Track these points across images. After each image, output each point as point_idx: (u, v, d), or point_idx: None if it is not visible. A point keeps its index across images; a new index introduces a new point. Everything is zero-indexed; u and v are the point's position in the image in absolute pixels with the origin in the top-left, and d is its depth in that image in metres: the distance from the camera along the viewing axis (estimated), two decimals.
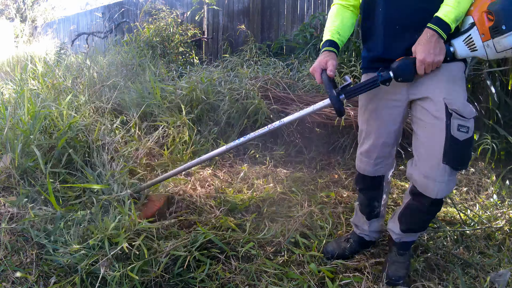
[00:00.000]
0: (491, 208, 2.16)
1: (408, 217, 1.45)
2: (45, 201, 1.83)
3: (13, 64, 5.91)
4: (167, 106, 2.98)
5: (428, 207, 1.35)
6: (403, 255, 1.51)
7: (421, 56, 1.20)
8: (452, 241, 1.84)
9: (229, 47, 5.38)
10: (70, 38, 8.99)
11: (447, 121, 1.23)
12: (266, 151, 2.93)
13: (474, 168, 2.63)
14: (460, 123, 1.22)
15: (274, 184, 2.36)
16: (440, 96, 1.25)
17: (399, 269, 1.47)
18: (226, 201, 2.09)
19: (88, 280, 1.43)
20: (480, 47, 1.20)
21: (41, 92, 2.95)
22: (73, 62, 4.39)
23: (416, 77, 1.27)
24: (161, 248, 1.58)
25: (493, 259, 1.69)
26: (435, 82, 1.27)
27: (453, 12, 1.17)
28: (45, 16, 15.35)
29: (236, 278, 1.53)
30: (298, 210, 2.06)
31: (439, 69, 1.26)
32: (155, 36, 5.05)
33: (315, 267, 1.56)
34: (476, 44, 1.20)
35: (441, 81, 1.27)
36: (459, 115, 1.22)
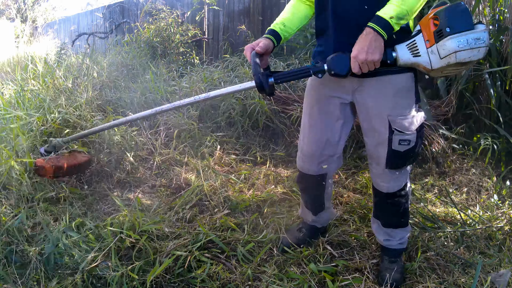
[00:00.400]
0: (492, 208, 2.16)
1: (380, 212, 1.56)
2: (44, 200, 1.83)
3: (13, 64, 5.91)
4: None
5: (388, 200, 1.47)
6: (395, 262, 1.55)
7: (354, 53, 1.17)
8: (453, 241, 1.83)
9: (229, 47, 5.37)
10: (71, 39, 9.00)
11: (389, 136, 1.31)
12: (267, 151, 2.93)
13: (475, 168, 2.63)
14: (401, 138, 1.30)
15: (275, 184, 2.36)
16: (385, 113, 1.30)
17: (395, 273, 1.50)
18: (228, 200, 2.08)
19: (89, 280, 1.43)
20: (423, 53, 1.17)
21: (41, 93, 2.96)
22: (73, 62, 4.40)
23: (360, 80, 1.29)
24: (162, 248, 1.59)
25: (494, 259, 1.69)
26: (382, 96, 1.30)
27: (395, 9, 1.13)
28: (46, 16, 15.36)
29: (237, 278, 1.53)
30: (298, 210, 2.06)
31: (386, 82, 1.29)
32: (156, 37, 5.04)
33: (315, 267, 1.56)
34: (420, 50, 1.18)
35: (387, 95, 1.30)
36: (400, 132, 1.30)
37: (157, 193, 2.27)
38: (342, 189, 2.35)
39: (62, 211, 1.92)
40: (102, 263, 1.47)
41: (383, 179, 1.43)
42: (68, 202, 2.03)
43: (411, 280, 1.55)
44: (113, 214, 1.96)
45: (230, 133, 2.98)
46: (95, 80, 3.56)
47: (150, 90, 3.13)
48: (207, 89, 3.20)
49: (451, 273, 1.58)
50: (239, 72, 3.62)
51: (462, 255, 1.71)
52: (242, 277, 1.54)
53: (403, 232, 1.56)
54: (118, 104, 3.11)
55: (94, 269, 1.45)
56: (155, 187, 2.34)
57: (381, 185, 1.46)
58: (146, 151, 2.62)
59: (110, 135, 2.47)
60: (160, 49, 4.91)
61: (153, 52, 4.87)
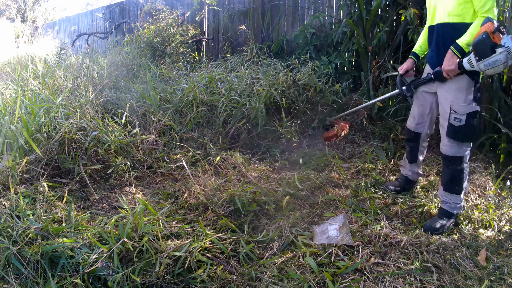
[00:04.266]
0: (492, 208, 2.16)
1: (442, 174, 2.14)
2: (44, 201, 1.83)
3: (13, 65, 5.92)
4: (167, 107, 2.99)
5: (446, 162, 2.08)
6: (440, 218, 2.04)
7: (444, 66, 1.98)
8: (453, 241, 1.84)
9: (229, 47, 5.38)
10: (71, 39, 9.00)
11: (449, 115, 2.02)
12: (271, 152, 2.94)
13: (475, 169, 2.63)
14: (455, 117, 2.00)
15: (277, 185, 2.36)
16: (449, 99, 2.03)
17: (433, 224, 2.00)
18: (230, 201, 2.08)
19: (89, 280, 1.43)
20: (475, 65, 1.88)
21: (41, 93, 2.96)
22: (73, 62, 4.40)
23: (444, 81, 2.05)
24: (163, 248, 1.59)
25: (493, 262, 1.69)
26: (447, 89, 2.04)
27: (467, 40, 1.90)
28: (46, 16, 15.36)
29: (237, 278, 1.53)
30: (299, 211, 2.06)
31: (453, 80, 2.00)
32: (156, 37, 5.04)
33: (315, 265, 1.56)
34: (473, 63, 1.88)
35: (452, 89, 2.02)
36: (456, 112, 2.00)
37: (159, 194, 2.27)
38: (343, 190, 2.35)
39: (65, 212, 1.92)
40: (102, 264, 1.47)
41: (444, 144, 2.07)
42: (69, 202, 2.03)
43: (412, 279, 1.55)
44: (115, 214, 1.96)
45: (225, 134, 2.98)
46: (95, 80, 3.57)
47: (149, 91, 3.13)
48: (208, 90, 3.20)
49: (451, 274, 1.58)
50: (239, 73, 3.62)
51: (462, 255, 1.71)
52: (242, 277, 1.54)
53: (455, 198, 2.06)
54: (118, 105, 3.11)
55: (95, 270, 1.45)
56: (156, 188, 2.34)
57: (443, 148, 2.08)
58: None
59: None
60: (160, 49, 4.91)
61: (153, 52, 4.88)
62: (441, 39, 2.05)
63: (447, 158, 2.06)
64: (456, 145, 2.02)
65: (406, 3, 3.23)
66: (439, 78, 2.04)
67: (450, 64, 1.93)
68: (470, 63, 1.88)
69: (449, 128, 2.01)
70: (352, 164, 2.77)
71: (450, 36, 1.99)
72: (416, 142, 2.36)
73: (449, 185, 2.06)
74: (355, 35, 3.73)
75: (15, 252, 1.48)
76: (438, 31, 2.06)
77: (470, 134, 1.99)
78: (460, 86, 1.99)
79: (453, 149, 2.03)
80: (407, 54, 3.39)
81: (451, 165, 2.05)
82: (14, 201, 1.86)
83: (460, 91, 1.99)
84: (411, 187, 2.43)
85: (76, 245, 1.55)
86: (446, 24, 2.01)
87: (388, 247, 1.77)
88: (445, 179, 2.08)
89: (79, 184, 2.31)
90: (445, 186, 2.08)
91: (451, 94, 2.01)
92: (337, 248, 1.72)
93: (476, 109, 1.97)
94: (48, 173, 2.27)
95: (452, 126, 2.00)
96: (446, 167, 2.08)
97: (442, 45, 2.04)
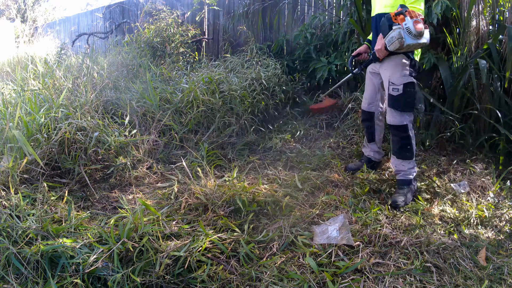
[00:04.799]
0: (492, 208, 2.16)
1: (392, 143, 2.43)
2: (44, 201, 1.83)
3: (13, 65, 5.91)
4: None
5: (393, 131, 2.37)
6: (402, 188, 2.30)
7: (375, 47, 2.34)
8: (453, 241, 1.84)
9: (229, 47, 5.38)
10: (71, 39, 9.00)
11: (389, 87, 2.33)
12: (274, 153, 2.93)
13: (475, 169, 2.63)
14: (393, 87, 2.31)
15: (278, 186, 2.36)
16: (387, 75, 2.36)
17: (399, 196, 2.23)
18: (231, 201, 2.08)
19: (89, 280, 1.43)
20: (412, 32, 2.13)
21: (41, 93, 2.96)
22: (73, 62, 4.40)
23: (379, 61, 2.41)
24: (163, 248, 1.59)
25: (493, 262, 1.69)
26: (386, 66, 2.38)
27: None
28: (46, 16, 15.34)
29: (237, 278, 1.53)
30: (299, 211, 2.06)
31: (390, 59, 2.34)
32: (156, 37, 5.04)
33: (315, 265, 1.56)
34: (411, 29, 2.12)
35: (389, 66, 2.35)
36: (393, 84, 2.31)
37: (159, 194, 2.27)
38: (344, 190, 2.35)
39: (65, 212, 1.92)
40: (102, 264, 1.47)
41: (389, 115, 2.36)
42: (69, 202, 2.03)
43: (411, 280, 1.55)
44: (115, 214, 1.96)
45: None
46: (95, 80, 3.57)
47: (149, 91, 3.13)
48: (208, 90, 3.21)
49: (451, 274, 1.58)
50: (239, 72, 3.62)
51: (462, 255, 1.71)
52: (242, 277, 1.54)
53: (408, 164, 2.33)
54: (118, 105, 3.11)
55: (95, 270, 1.45)
56: (156, 188, 2.34)
57: (388, 119, 2.37)
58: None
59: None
60: (160, 50, 4.91)
61: (153, 52, 4.87)
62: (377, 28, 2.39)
63: (394, 127, 2.36)
64: (398, 114, 2.31)
65: None
66: (375, 59, 2.39)
67: (378, 45, 2.31)
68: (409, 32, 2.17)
69: (389, 98, 2.33)
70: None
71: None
72: (371, 121, 2.64)
73: (400, 152, 2.35)
74: (355, 35, 3.72)
75: (15, 252, 1.48)
76: (377, 21, 2.39)
77: (408, 103, 2.30)
78: (396, 63, 2.32)
79: (396, 119, 2.32)
80: None
81: (399, 133, 2.34)
82: (14, 201, 1.86)
83: (396, 67, 2.32)
84: (375, 167, 2.69)
85: (76, 245, 1.55)
86: (383, 14, 2.32)
87: (388, 247, 1.77)
88: (396, 147, 2.38)
89: (79, 184, 2.32)
90: (398, 155, 2.36)
91: (389, 71, 2.35)
92: (337, 248, 1.72)
93: (411, 80, 2.28)
94: (48, 173, 2.27)
95: (392, 96, 2.31)
96: (394, 136, 2.38)
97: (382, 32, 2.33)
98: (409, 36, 2.09)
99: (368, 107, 2.63)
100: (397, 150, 2.36)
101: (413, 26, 2.07)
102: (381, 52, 2.29)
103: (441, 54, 3.18)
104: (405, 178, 2.31)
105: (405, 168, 2.32)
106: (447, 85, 3.01)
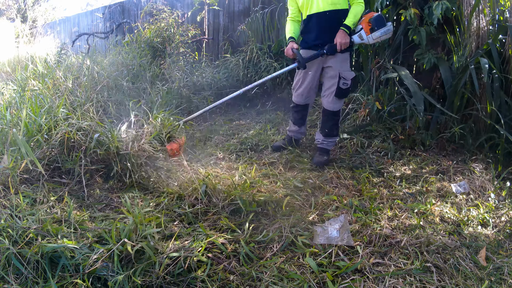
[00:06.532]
0: (491, 208, 2.16)
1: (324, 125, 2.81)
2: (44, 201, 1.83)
3: (14, 65, 5.92)
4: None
5: (331, 116, 2.77)
6: (322, 154, 2.81)
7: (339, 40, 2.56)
8: (453, 241, 1.84)
9: (229, 47, 5.38)
10: (71, 39, 9.00)
11: (339, 81, 2.65)
12: (276, 154, 2.93)
13: (475, 169, 2.63)
14: (344, 82, 2.64)
15: (280, 186, 2.36)
16: (337, 69, 2.66)
17: (321, 157, 2.77)
18: (231, 200, 2.08)
19: (89, 280, 1.43)
20: (365, 38, 2.59)
21: (41, 93, 2.96)
22: (73, 62, 4.40)
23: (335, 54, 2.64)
24: (163, 249, 1.58)
25: (493, 262, 1.69)
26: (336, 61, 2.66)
27: (352, 21, 2.59)
28: (46, 16, 15.35)
29: (237, 278, 1.53)
30: (300, 211, 2.06)
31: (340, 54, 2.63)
32: (156, 37, 5.04)
33: (315, 266, 1.56)
34: (364, 36, 2.59)
35: (339, 61, 2.66)
36: (344, 78, 2.65)
37: (160, 194, 2.27)
38: (345, 190, 2.35)
39: (64, 212, 1.92)
40: (102, 264, 1.47)
41: (331, 102, 2.72)
42: (69, 203, 2.03)
43: (412, 280, 1.55)
44: (116, 215, 1.96)
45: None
46: (95, 80, 3.56)
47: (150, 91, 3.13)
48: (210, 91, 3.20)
49: (450, 274, 1.58)
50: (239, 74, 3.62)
51: (462, 256, 1.71)
52: (242, 277, 1.54)
53: (334, 139, 2.84)
54: (118, 105, 3.11)
55: (95, 270, 1.45)
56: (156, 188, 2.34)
57: (330, 106, 2.73)
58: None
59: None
60: (160, 50, 4.90)
61: (153, 52, 4.87)
62: (328, 23, 2.62)
63: (333, 113, 2.74)
64: (338, 101, 2.73)
65: (406, 3, 3.23)
66: (332, 52, 2.60)
67: (343, 39, 2.55)
68: (360, 37, 2.60)
69: (338, 91, 2.66)
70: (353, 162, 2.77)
71: (336, 20, 2.61)
72: (305, 111, 2.98)
73: (330, 132, 2.78)
74: None
75: (15, 252, 1.48)
76: (321, 18, 2.63)
77: (348, 92, 2.74)
78: (344, 58, 2.67)
79: (336, 105, 2.73)
80: (407, 54, 3.39)
81: (334, 117, 2.76)
82: (14, 201, 1.86)
83: (345, 62, 2.67)
84: (297, 145, 3.06)
85: (76, 245, 1.55)
86: (331, 11, 2.61)
87: (388, 247, 1.77)
88: (327, 128, 2.77)
89: (79, 184, 2.31)
90: (327, 134, 2.78)
91: (339, 65, 2.65)
92: (337, 248, 1.72)
93: (355, 74, 2.72)
94: (48, 173, 2.27)
95: (341, 89, 2.66)
96: (329, 119, 2.76)
97: (329, 28, 2.61)
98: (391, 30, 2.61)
99: (304, 100, 2.89)
100: (328, 130, 2.76)
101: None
102: (346, 45, 2.56)
103: (441, 54, 3.18)
104: (328, 148, 2.81)
105: (330, 141, 2.80)
106: (447, 85, 3.01)
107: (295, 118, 2.98)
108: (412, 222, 2.01)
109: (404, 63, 3.45)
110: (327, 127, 2.77)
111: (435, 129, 3.04)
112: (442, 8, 2.85)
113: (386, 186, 2.44)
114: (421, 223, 2.00)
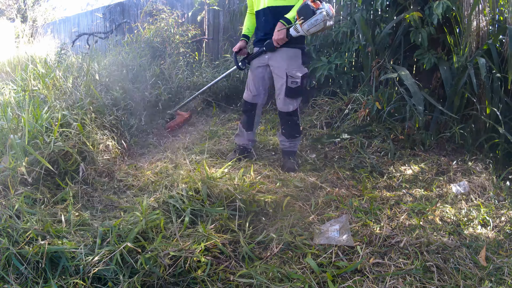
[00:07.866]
0: (492, 208, 2.16)
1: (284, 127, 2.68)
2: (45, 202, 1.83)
3: (13, 65, 5.91)
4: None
5: (286, 117, 2.64)
6: (291, 158, 2.67)
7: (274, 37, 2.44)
8: (453, 241, 1.84)
9: (229, 47, 5.37)
10: (71, 39, 8.99)
11: (287, 80, 2.50)
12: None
13: (475, 169, 2.63)
14: (292, 80, 2.49)
15: (280, 186, 2.36)
16: (283, 67, 2.50)
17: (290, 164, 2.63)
18: (231, 200, 2.08)
19: (89, 281, 1.43)
20: (300, 29, 2.37)
21: (42, 93, 2.96)
22: (73, 62, 4.39)
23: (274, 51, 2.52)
24: (163, 249, 1.58)
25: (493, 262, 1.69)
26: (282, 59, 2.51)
27: (292, 14, 2.41)
28: (46, 16, 15.34)
29: (237, 278, 1.53)
30: (299, 212, 2.06)
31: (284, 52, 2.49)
32: (156, 37, 5.04)
33: (315, 266, 1.56)
34: (299, 29, 2.37)
35: (284, 59, 2.51)
36: (292, 77, 2.50)
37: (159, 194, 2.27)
38: (344, 191, 2.35)
39: (64, 212, 1.92)
40: (103, 265, 1.47)
41: (283, 103, 2.58)
42: (70, 203, 2.03)
43: (412, 280, 1.55)
44: (117, 215, 1.96)
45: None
46: (95, 80, 3.56)
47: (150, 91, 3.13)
48: None
49: (450, 274, 1.58)
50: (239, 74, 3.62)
51: (462, 256, 1.71)
52: (243, 278, 1.54)
53: (297, 140, 2.72)
54: (118, 105, 3.11)
55: (95, 271, 1.45)
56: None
57: (283, 107, 2.60)
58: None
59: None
60: (160, 50, 4.90)
61: (153, 52, 4.87)
62: (274, 19, 2.47)
63: (288, 114, 2.59)
64: (291, 102, 2.56)
65: (406, 3, 3.23)
66: (270, 49, 2.48)
67: (280, 34, 2.40)
68: (296, 30, 2.40)
69: (287, 90, 2.51)
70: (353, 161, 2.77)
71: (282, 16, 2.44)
72: (252, 112, 2.76)
73: (291, 134, 2.66)
74: (355, 35, 3.73)
75: (15, 252, 1.48)
76: (269, 13, 2.51)
77: (302, 91, 2.56)
78: (291, 56, 2.49)
79: (290, 106, 2.57)
80: (407, 54, 3.39)
81: (291, 118, 2.61)
82: (14, 202, 1.86)
83: (292, 60, 2.49)
84: (248, 155, 2.81)
85: (77, 246, 1.55)
86: (279, 7, 2.48)
87: (388, 247, 1.77)
88: (287, 130, 2.65)
89: (79, 184, 2.31)
90: (289, 136, 2.66)
91: (285, 63, 2.48)
92: (337, 248, 1.72)
93: (306, 71, 2.53)
94: (49, 174, 2.27)
95: (290, 88, 2.50)
96: (286, 121, 2.63)
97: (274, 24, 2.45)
98: (328, 18, 2.32)
99: (253, 98, 2.72)
100: (289, 133, 2.64)
101: (329, 9, 2.32)
102: (283, 40, 2.42)
103: (441, 54, 3.18)
104: (293, 150, 2.70)
105: (294, 143, 2.68)
106: (447, 85, 3.01)
107: (243, 119, 2.82)
108: (412, 222, 2.01)
109: (404, 63, 3.44)
110: (286, 129, 2.65)
111: (435, 129, 3.04)
112: (443, 7, 2.84)
113: (386, 186, 2.44)
114: (421, 223, 2.00)
